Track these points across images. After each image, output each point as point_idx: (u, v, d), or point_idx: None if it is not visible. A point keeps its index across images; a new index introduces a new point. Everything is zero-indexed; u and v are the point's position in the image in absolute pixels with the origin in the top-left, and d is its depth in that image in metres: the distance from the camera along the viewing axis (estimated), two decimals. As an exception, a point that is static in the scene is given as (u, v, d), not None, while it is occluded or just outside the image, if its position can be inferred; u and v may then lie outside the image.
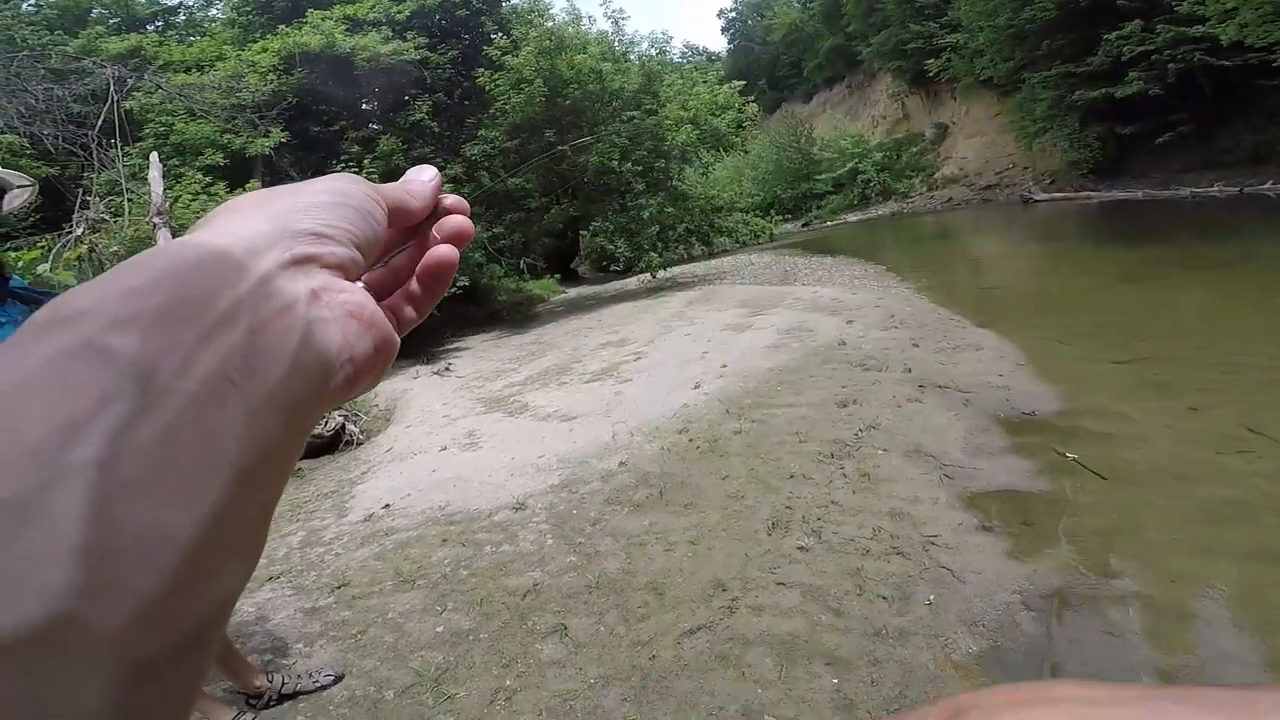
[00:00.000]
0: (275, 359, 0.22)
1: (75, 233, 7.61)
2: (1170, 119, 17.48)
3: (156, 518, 0.18)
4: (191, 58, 12.90)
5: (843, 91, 43.14)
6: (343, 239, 0.28)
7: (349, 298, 0.26)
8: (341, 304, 0.26)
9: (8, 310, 1.81)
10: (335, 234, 0.27)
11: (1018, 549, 2.92)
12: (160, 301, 0.20)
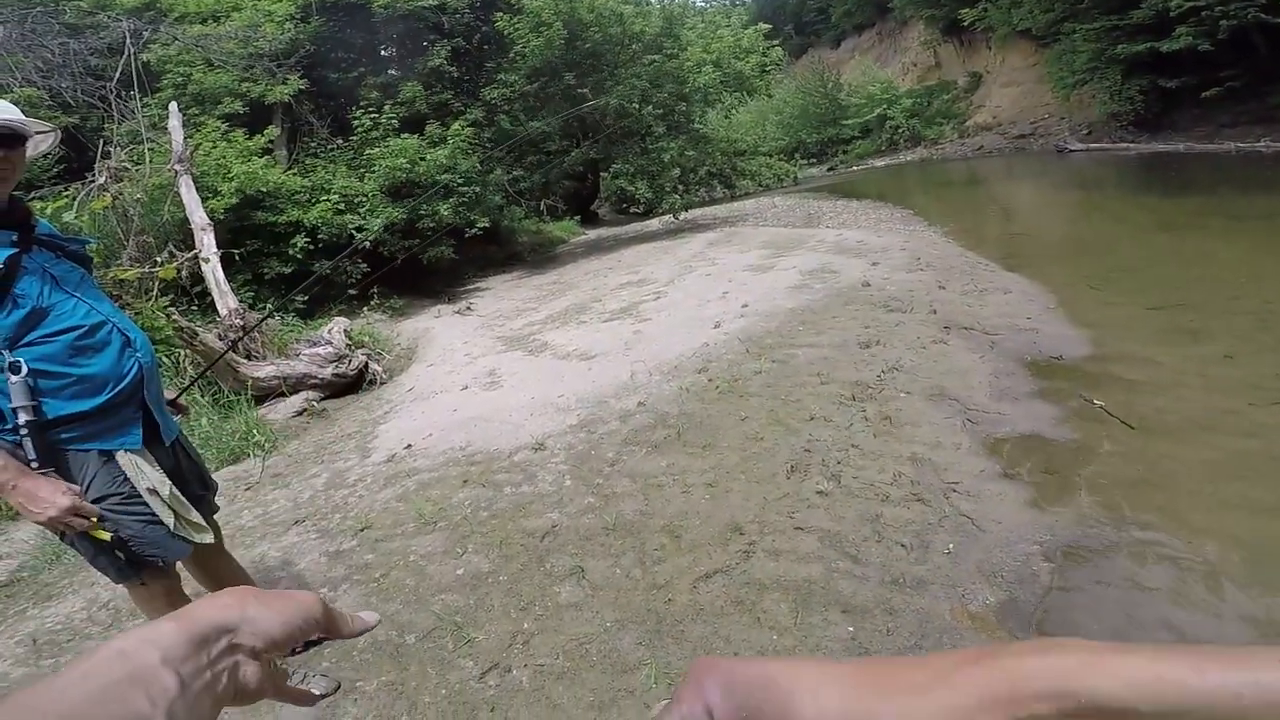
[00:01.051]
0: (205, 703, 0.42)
1: (98, 181, 7.62)
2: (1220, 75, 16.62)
3: None
4: (207, 8, 12.67)
5: (872, 38, 41.55)
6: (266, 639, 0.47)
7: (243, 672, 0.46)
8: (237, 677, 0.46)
9: (34, 257, 1.81)
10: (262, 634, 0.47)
11: (1040, 498, 2.86)
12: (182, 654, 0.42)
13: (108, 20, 10.54)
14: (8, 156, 1.79)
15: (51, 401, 1.74)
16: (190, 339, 5.31)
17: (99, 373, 1.81)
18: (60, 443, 1.76)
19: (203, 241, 7.42)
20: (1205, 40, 16.40)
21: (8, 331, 1.70)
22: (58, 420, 1.75)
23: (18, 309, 1.72)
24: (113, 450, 1.84)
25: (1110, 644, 0.35)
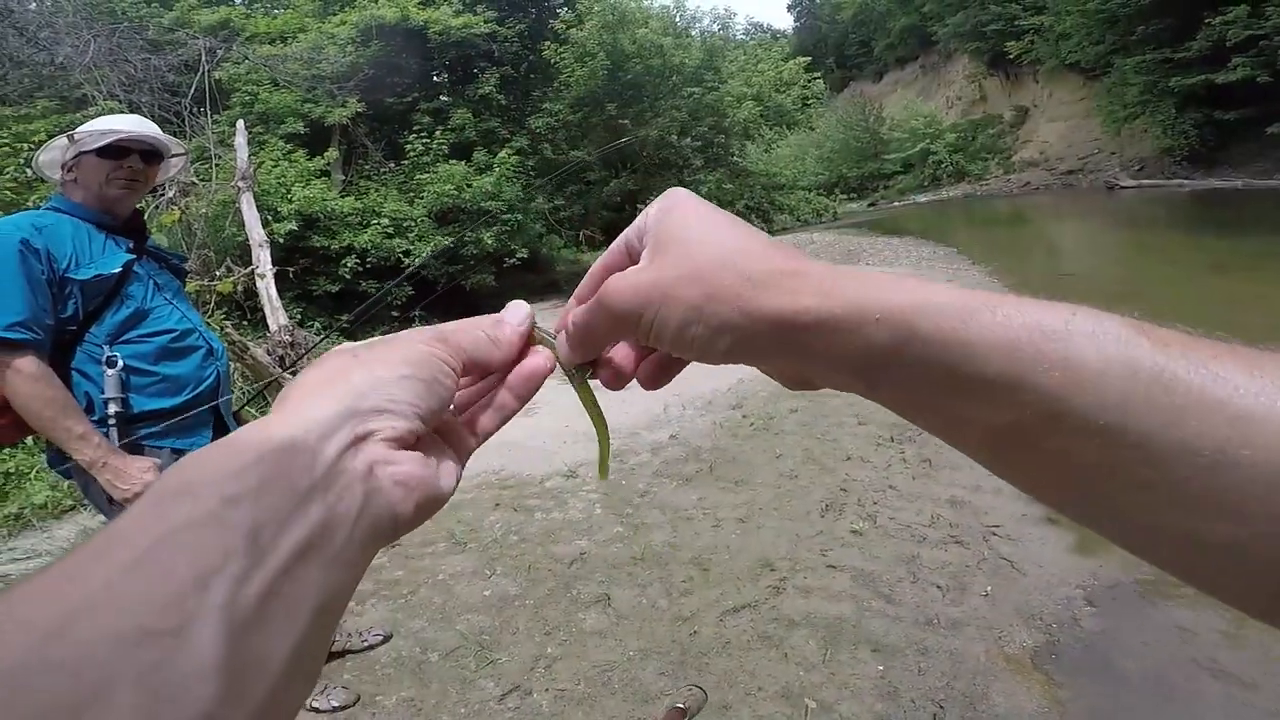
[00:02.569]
0: (341, 526, 0.28)
1: (168, 195, 7.98)
2: None
3: (262, 646, 0.24)
4: (276, 29, 13.34)
5: (915, 71, 41.51)
6: (405, 413, 0.33)
7: (397, 469, 0.32)
8: (390, 475, 0.31)
9: (143, 264, 1.99)
10: (397, 408, 0.33)
11: (1083, 543, 2.79)
12: (256, 483, 0.26)
13: (186, 38, 11.13)
14: (145, 170, 1.99)
15: (137, 397, 1.87)
16: (241, 353, 5.49)
17: (182, 375, 1.95)
18: (140, 437, 1.88)
19: (259, 258, 7.69)
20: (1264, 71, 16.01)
21: (112, 328, 1.86)
22: (141, 415, 1.88)
23: (124, 308, 1.88)
24: (185, 449, 1.95)
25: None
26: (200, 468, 0.26)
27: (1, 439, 1.91)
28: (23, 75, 9.51)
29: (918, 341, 0.29)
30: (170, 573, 0.23)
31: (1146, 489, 0.26)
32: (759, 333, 0.33)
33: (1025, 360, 0.27)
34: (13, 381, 1.69)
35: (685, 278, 0.35)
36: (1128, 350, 0.27)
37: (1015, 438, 0.28)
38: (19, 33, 9.20)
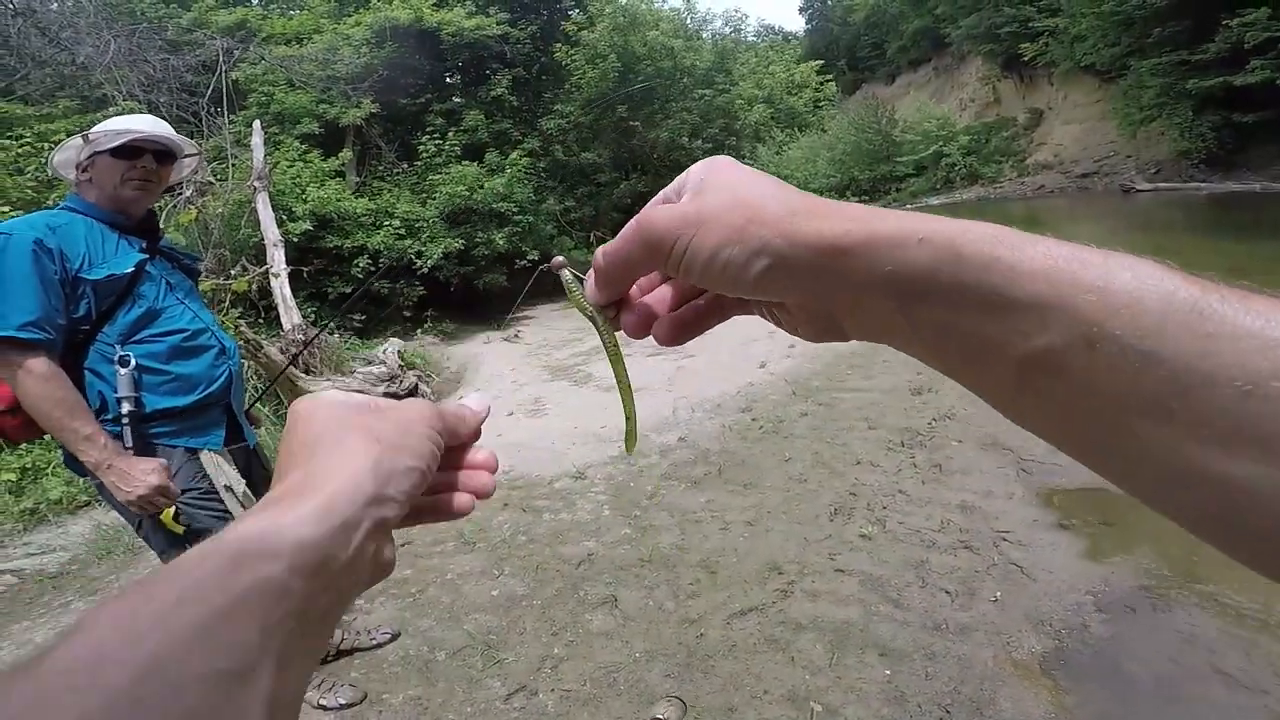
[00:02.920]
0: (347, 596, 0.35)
1: (185, 194, 8.06)
2: (1301, 109, 15.98)
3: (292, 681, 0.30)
4: (291, 30, 13.44)
5: (928, 73, 41.24)
6: (406, 503, 0.39)
7: (384, 554, 0.38)
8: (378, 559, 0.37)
9: (156, 264, 2.01)
10: (404, 500, 0.39)
11: (1095, 549, 2.77)
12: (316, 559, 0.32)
13: (204, 38, 11.25)
14: (159, 171, 2.00)
15: (150, 396, 1.89)
16: (255, 351, 5.54)
17: (194, 374, 1.97)
18: (153, 436, 1.90)
19: (274, 257, 7.76)
20: (1285, 73, 15.79)
21: (125, 327, 1.88)
22: (154, 414, 1.90)
23: (136, 307, 1.90)
24: (197, 448, 1.97)
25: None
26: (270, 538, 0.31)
27: (15, 437, 1.93)
28: (45, 75, 9.64)
29: (960, 262, 0.30)
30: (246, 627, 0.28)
31: (1174, 422, 0.25)
32: (798, 255, 0.34)
33: (1063, 284, 0.28)
34: (23, 382, 1.71)
35: (727, 206, 0.36)
36: (1164, 281, 0.27)
37: (1047, 364, 0.28)
38: (41, 32, 9.33)
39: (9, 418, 1.86)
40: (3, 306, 1.69)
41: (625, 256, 0.40)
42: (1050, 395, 0.29)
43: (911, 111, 33.81)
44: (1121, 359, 0.26)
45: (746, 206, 0.35)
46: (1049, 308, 0.28)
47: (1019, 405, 0.31)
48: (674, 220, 0.37)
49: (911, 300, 0.32)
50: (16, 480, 4.56)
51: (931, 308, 0.31)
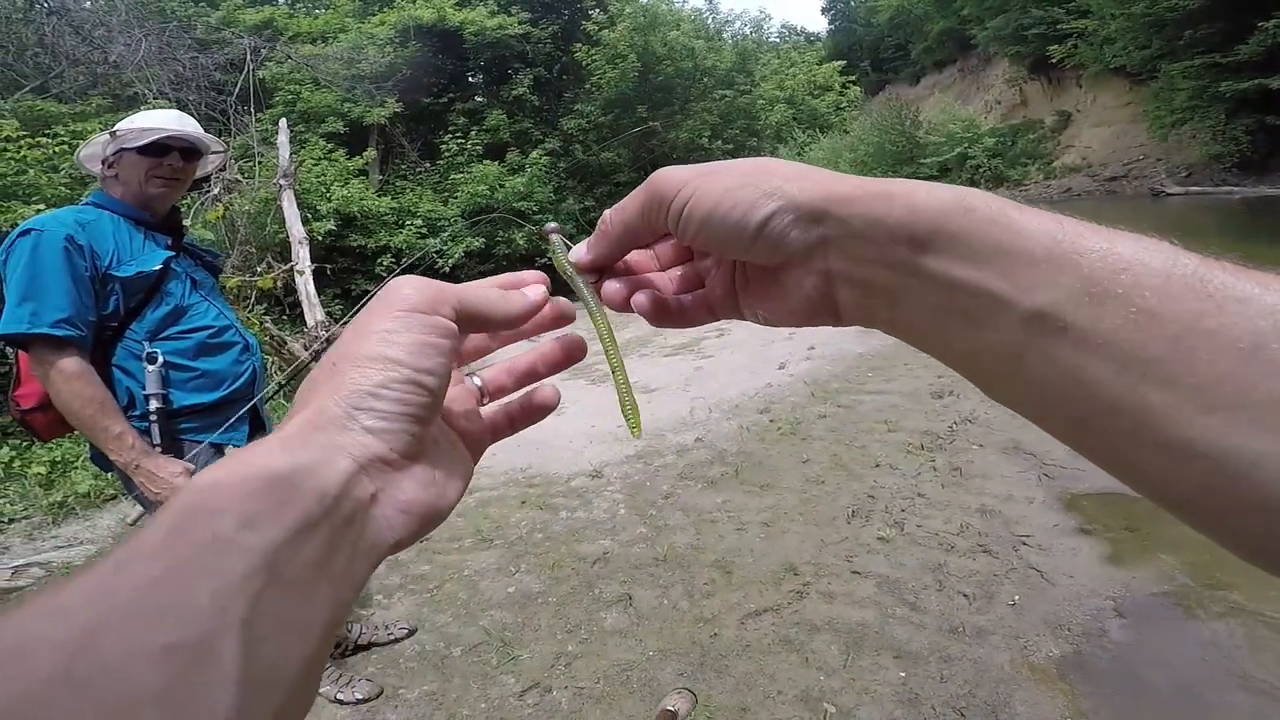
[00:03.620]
0: (345, 551, 0.29)
1: (213, 192, 8.20)
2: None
3: (280, 658, 0.25)
4: (317, 29, 13.64)
5: (954, 75, 40.78)
6: (399, 426, 0.32)
7: (400, 496, 0.32)
8: (393, 502, 0.32)
9: (181, 261, 2.03)
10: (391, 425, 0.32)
11: (1117, 554, 2.73)
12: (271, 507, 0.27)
13: (232, 36, 11.44)
14: (185, 168, 2.03)
15: (176, 392, 1.92)
16: (279, 347, 5.63)
17: (219, 370, 2.00)
18: (179, 432, 1.93)
19: (299, 255, 7.87)
20: (1322, 76, 15.44)
21: (153, 324, 1.91)
22: (181, 410, 1.92)
23: (164, 305, 1.93)
24: (224, 444, 2.00)
25: None
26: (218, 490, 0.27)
27: (45, 433, 1.96)
28: (78, 73, 9.85)
29: (970, 214, 0.30)
30: (192, 591, 0.23)
31: (1177, 386, 0.25)
32: (808, 200, 0.33)
33: (1068, 242, 0.28)
34: (55, 380, 1.74)
35: (737, 166, 0.36)
36: (1166, 249, 0.28)
37: (1051, 321, 0.28)
38: (74, 31, 9.53)
39: (39, 414, 1.89)
40: (36, 304, 1.72)
41: (628, 211, 0.39)
42: (1050, 359, 0.28)
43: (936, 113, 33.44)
44: (1125, 316, 0.26)
45: (750, 166, 0.35)
46: (1054, 261, 0.28)
47: (1016, 375, 0.30)
48: (681, 176, 0.37)
49: (918, 252, 0.31)
50: (46, 474, 4.66)
51: (937, 261, 0.31)
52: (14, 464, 4.82)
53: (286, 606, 0.26)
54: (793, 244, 0.34)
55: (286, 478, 0.28)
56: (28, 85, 9.15)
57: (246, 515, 0.26)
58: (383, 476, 0.32)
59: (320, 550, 0.28)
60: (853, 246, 0.33)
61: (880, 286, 0.33)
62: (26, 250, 1.75)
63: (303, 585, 0.27)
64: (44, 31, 9.31)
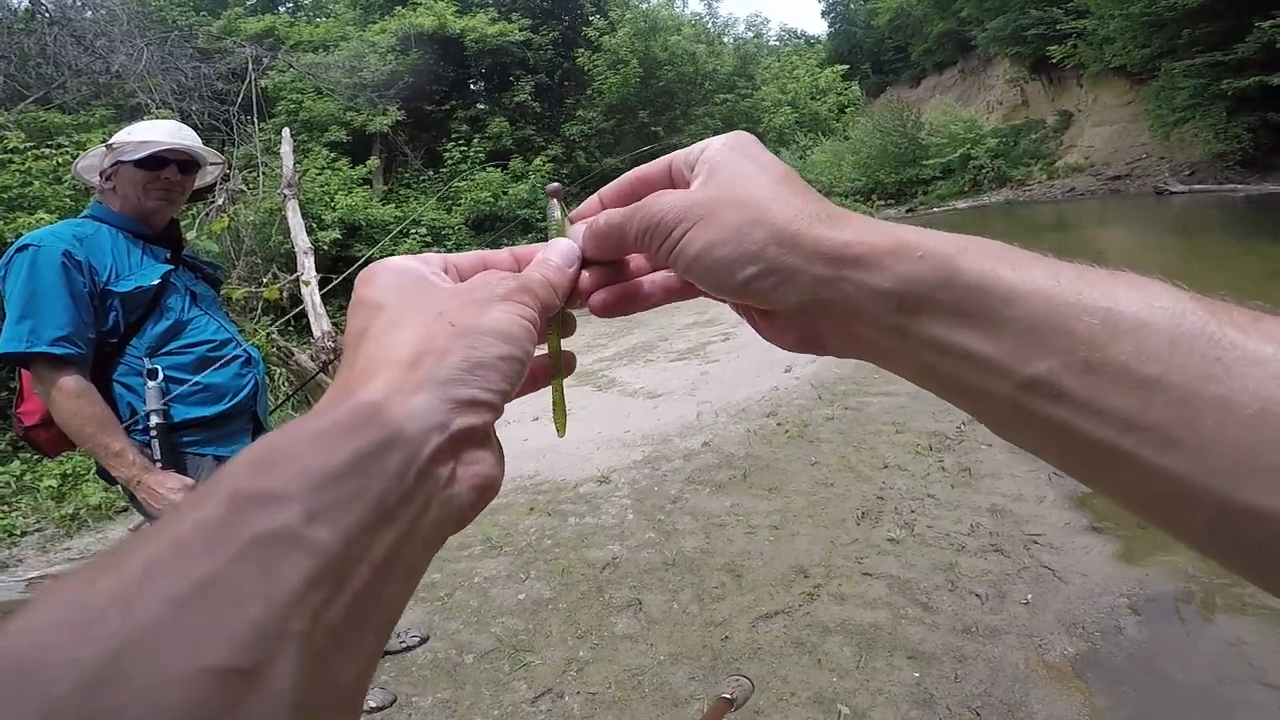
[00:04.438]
0: (418, 540, 0.26)
1: (217, 202, 8.22)
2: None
3: (337, 672, 0.22)
4: (318, 38, 13.72)
5: (954, 76, 40.81)
6: (497, 402, 0.31)
7: (478, 471, 0.29)
8: (471, 478, 0.29)
9: (180, 275, 2.01)
10: (492, 398, 0.30)
11: (1129, 552, 2.73)
12: (345, 495, 0.23)
13: (233, 45, 11.49)
14: (182, 181, 2.01)
15: (178, 406, 1.90)
16: (286, 358, 5.64)
17: (221, 383, 1.98)
18: (181, 445, 1.91)
19: (304, 265, 7.89)
20: (1319, 74, 15.44)
21: (153, 340, 1.89)
22: (182, 424, 1.91)
23: (164, 320, 1.91)
24: (226, 456, 1.99)
25: None
26: (285, 467, 0.23)
27: (49, 450, 1.95)
28: (80, 83, 9.90)
29: (959, 277, 0.29)
30: (243, 601, 0.20)
31: (1183, 449, 0.24)
32: (791, 265, 0.32)
33: (1064, 305, 0.27)
34: (55, 398, 1.72)
35: (730, 202, 0.34)
36: (1172, 304, 0.26)
37: (1045, 388, 0.27)
38: (76, 41, 9.58)
39: (43, 431, 1.88)
40: (35, 322, 1.70)
41: (622, 232, 0.38)
42: (1049, 420, 0.28)
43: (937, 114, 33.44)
44: (1124, 385, 0.25)
45: (747, 207, 0.34)
46: (1048, 329, 0.27)
47: (1016, 429, 0.30)
48: (676, 211, 0.35)
49: (907, 317, 0.30)
50: (57, 486, 4.67)
51: (927, 326, 0.30)
52: (25, 477, 4.84)
53: (351, 613, 0.22)
54: (776, 302, 0.34)
55: (369, 455, 0.24)
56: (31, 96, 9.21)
57: (318, 503, 0.22)
58: (467, 452, 0.29)
59: (394, 544, 0.24)
60: (839, 311, 0.33)
61: (868, 344, 0.33)
62: (24, 267, 1.73)
63: (370, 587, 0.23)
64: (46, 42, 9.36)
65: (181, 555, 0.20)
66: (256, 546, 0.21)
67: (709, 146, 0.38)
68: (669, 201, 0.36)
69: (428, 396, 0.28)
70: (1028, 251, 0.30)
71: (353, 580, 0.23)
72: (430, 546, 0.27)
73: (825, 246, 0.32)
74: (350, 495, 0.23)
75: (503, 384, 0.31)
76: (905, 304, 0.30)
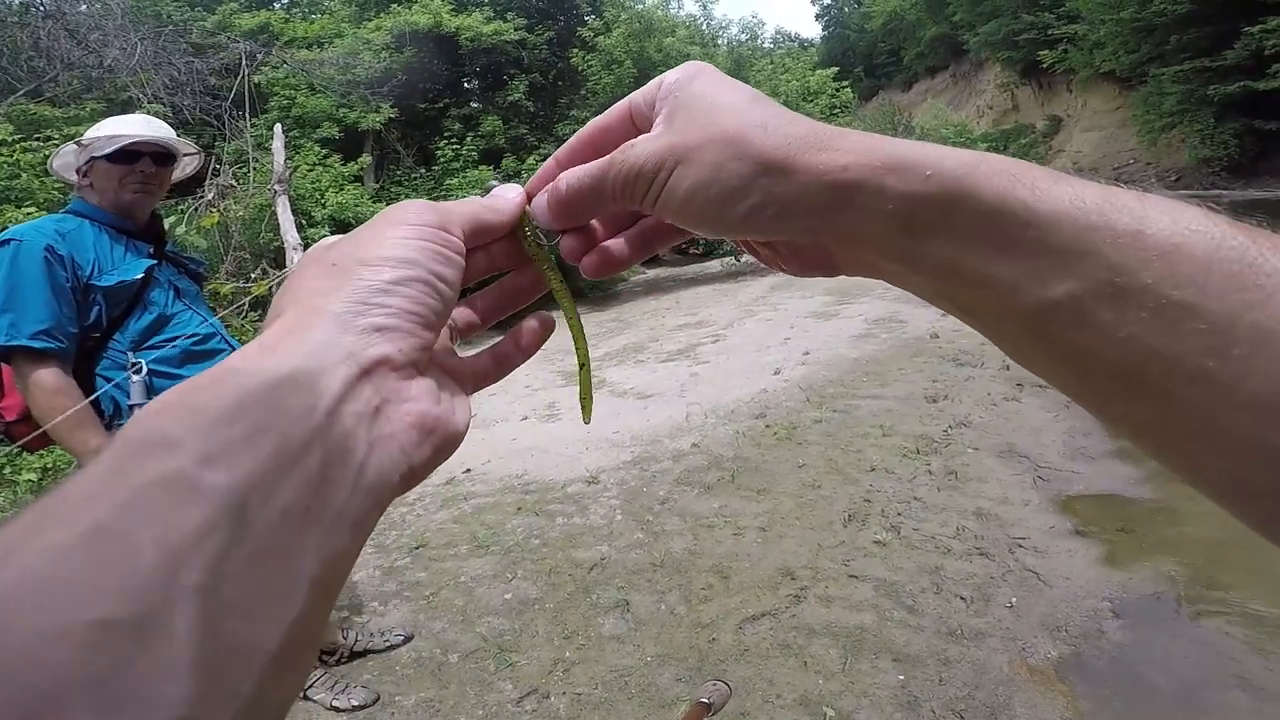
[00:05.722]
0: (342, 485, 0.24)
1: (207, 197, 8.16)
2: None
3: (250, 631, 0.20)
4: (313, 34, 13.61)
5: (946, 81, 41.14)
6: (410, 327, 0.28)
7: (411, 408, 0.27)
8: (403, 416, 0.27)
9: (164, 269, 2.01)
10: (401, 323, 0.28)
11: (1112, 555, 2.76)
12: (242, 434, 0.21)
13: (227, 41, 11.41)
14: (159, 173, 1.99)
15: None
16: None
17: None
18: None
19: (293, 261, 7.84)
20: (1305, 80, 15.65)
21: (136, 335, 1.89)
22: None
23: (147, 314, 1.91)
24: None
25: None
26: (178, 411, 0.21)
27: (31, 445, 1.93)
28: (72, 77, 9.80)
29: (972, 200, 0.27)
30: (132, 550, 0.18)
31: (1213, 382, 0.23)
32: (789, 193, 0.30)
33: (1089, 227, 0.25)
34: (33, 393, 1.71)
35: (707, 139, 0.32)
36: (1209, 228, 0.24)
37: (1064, 314, 0.25)
38: (70, 34, 9.49)
39: (23, 426, 1.86)
40: (15, 315, 1.69)
41: (594, 190, 0.35)
42: (1066, 347, 0.26)
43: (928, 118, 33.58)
44: (1154, 310, 0.23)
45: (726, 141, 0.31)
46: (1071, 253, 0.25)
47: (1031, 355, 0.28)
48: (654, 158, 0.33)
49: (916, 240, 0.28)
50: (38, 480, 4.62)
51: (938, 249, 0.28)
52: (4, 470, 4.78)
53: (261, 564, 0.20)
54: (777, 233, 0.32)
55: (266, 391, 0.23)
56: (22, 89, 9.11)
57: (212, 445, 0.21)
58: (389, 385, 0.27)
59: (307, 487, 0.22)
60: (845, 237, 0.31)
61: (878, 268, 0.31)
62: (6, 261, 1.73)
63: (283, 534, 0.21)
64: (39, 35, 9.27)
65: (71, 504, 0.19)
66: (148, 492, 0.19)
67: (664, 82, 0.35)
68: (643, 149, 0.34)
69: (324, 331, 0.26)
70: (1045, 169, 0.27)
71: (256, 527, 0.20)
72: (373, 494, 0.25)
73: (821, 173, 0.29)
74: (246, 435, 0.21)
75: (410, 306, 0.28)
76: (913, 228, 0.28)
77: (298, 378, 0.24)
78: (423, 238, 0.31)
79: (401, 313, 0.28)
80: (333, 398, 0.24)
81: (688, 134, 0.32)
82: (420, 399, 0.28)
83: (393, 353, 0.27)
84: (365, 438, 0.25)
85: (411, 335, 0.28)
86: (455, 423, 0.30)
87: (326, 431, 0.23)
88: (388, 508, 0.27)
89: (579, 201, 0.36)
